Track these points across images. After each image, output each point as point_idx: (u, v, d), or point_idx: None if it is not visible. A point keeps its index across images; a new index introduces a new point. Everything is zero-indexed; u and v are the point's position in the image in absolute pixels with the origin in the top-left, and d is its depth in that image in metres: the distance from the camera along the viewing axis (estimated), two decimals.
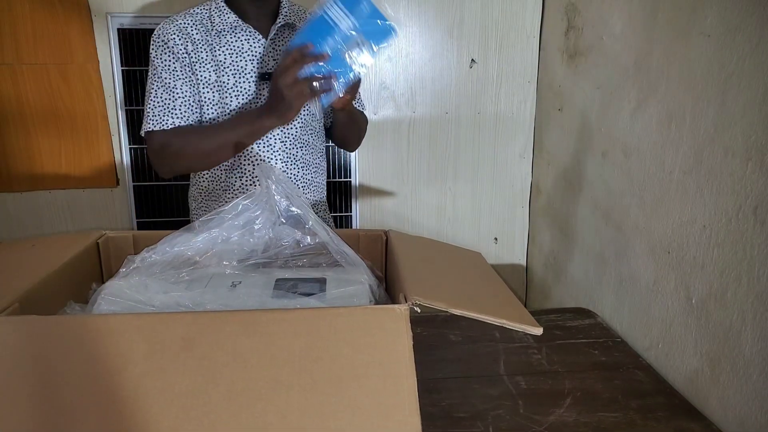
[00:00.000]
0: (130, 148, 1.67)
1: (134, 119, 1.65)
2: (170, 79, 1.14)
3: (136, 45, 1.60)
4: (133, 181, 1.70)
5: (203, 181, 1.25)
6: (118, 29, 1.58)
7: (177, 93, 1.14)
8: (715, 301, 0.96)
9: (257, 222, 0.86)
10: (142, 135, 1.17)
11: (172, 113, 1.14)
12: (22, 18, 1.52)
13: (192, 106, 1.16)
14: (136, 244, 0.92)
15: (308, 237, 0.88)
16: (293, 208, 0.86)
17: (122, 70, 1.61)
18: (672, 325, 1.08)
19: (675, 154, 1.07)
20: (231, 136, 1.11)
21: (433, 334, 1.20)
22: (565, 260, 1.63)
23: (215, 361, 0.59)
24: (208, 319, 0.62)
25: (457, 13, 1.72)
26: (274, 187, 0.85)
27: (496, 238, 1.93)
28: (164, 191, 1.72)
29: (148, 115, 1.14)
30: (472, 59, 1.76)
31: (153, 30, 1.19)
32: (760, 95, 0.86)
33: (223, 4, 1.18)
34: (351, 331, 0.61)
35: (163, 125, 1.14)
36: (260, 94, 1.18)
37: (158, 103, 1.14)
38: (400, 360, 0.59)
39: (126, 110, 1.64)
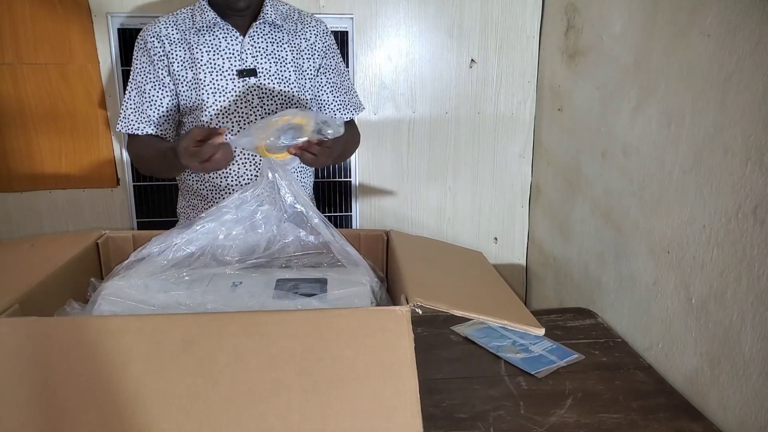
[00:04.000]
0: None
1: None
2: (143, 81, 1.20)
3: None
4: (133, 181, 1.70)
5: (189, 180, 1.29)
6: (118, 29, 1.58)
7: (146, 96, 1.20)
8: (715, 301, 0.96)
9: (259, 216, 0.85)
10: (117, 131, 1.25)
11: (140, 117, 1.20)
12: (22, 18, 1.52)
13: (160, 108, 1.20)
14: (136, 244, 0.92)
15: (311, 236, 0.87)
16: (298, 205, 0.85)
17: (122, 70, 1.60)
18: (672, 325, 1.08)
19: (675, 154, 1.07)
20: (167, 163, 1.12)
21: (433, 334, 1.20)
22: (565, 260, 1.63)
23: (216, 362, 0.58)
24: (208, 320, 0.62)
25: (457, 13, 1.72)
26: (285, 183, 0.85)
27: (496, 238, 1.93)
28: (164, 191, 1.71)
29: (121, 116, 1.21)
30: (472, 59, 1.76)
31: None
32: (760, 95, 0.86)
33: (205, 3, 1.20)
34: (352, 332, 0.61)
35: (129, 129, 1.21)
36: (236, 91, 1.19)
37: (130, 105, 1.21)
38: (401, 361, 0.59)
39: None
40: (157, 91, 1.19)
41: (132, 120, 1.20)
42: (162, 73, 1.19)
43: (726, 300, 0.93)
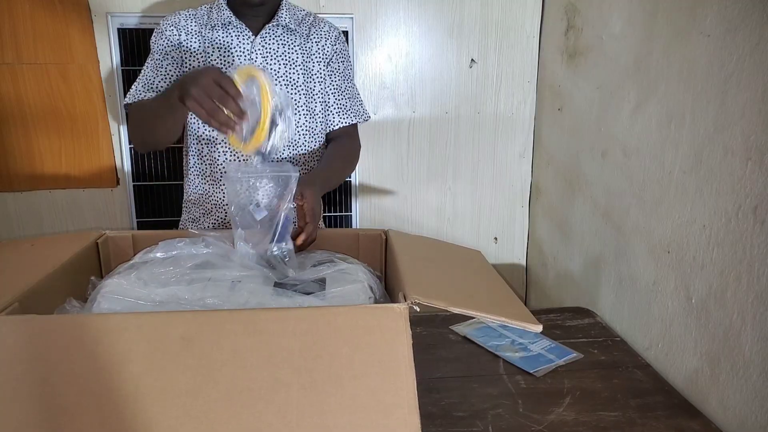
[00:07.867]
0: (130, 148, 1.67)
1: None
2: (161, 59, 1.21)
3: (136, 45, 1.59)
4: (133, 181, 1.70)
5: (186, 188, 1.31)
6: (118, 29, 1.58)
7: (160, 70, 1.20)
8: (715, 300, 0.96)
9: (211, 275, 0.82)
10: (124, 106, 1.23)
11: (150, 88, 1.20)
12: (22, 18, 1.52)
13: (173, 82, 1.19)
14: (136, 244, 0.92)
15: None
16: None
17: (122, 70, 1.61)
18: (672, 325, 1.08)
19: (675, 154, 1.07)
20: (161, 102, 1.06)
21: (433, 333, 1.20)
22: (565, 260, 1.63)
23: (215, 360, 0.59)
24: (207, 318, 0.62)
25: (457, 13, 1.72)
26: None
27: (495, 238, 1.93)
28: (164, 191, 1.71)
29: (131, 89, 1.21)
30: (472, 59, 1.76)
31: (153, 30, 1.22)
32: (759, 95, 0.86)
33: (223, 2, 1.22)
34: (350, 330, 0.61)
35: (135, 98, 1.19)
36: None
37: (142, 79, 1.21)
38: (399, 359, 0.59)
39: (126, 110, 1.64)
40: (175, 69, 1.20)
41: (140, 90, 1.19)
42: (177, 57, 1.20)
43: (726, 300, 0.93)
